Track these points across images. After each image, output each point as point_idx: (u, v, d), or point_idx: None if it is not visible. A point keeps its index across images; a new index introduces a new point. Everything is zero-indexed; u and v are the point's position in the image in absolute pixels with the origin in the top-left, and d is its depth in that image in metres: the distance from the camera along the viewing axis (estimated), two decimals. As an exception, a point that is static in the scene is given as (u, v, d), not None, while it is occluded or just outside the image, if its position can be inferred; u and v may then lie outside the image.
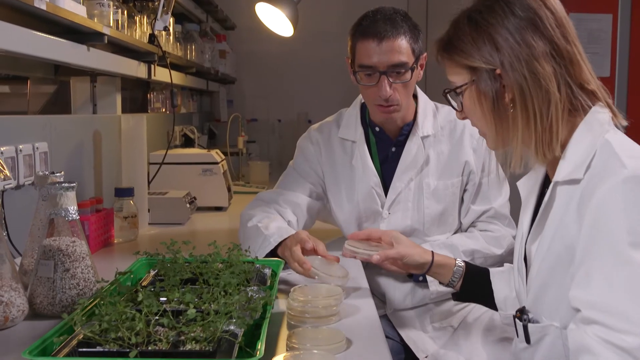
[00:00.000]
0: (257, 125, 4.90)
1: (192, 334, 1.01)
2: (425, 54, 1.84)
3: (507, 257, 1.94)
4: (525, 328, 1.22)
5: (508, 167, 1.21)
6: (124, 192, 2.09)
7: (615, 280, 1.02)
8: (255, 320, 1.12)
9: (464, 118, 1.28)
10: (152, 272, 1.42)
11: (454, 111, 1.95)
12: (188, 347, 1.00)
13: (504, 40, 1.12)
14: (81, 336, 1.02)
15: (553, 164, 1.18)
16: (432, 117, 1.93)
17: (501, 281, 1.47)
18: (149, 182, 2.51)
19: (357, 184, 1.92)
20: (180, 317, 1.08)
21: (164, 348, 0.99)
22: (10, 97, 2.90)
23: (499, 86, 1.14)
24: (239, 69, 4.84)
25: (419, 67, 1.84)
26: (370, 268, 1.83)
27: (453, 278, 1.51)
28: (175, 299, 1.10)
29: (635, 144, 1.13)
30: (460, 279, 1.51)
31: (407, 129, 1.92)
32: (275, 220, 1.80)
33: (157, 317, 1.06)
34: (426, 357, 1.84)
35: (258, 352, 0.95)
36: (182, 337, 1.02)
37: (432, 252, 1.57)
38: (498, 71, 1.14)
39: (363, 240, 1.62)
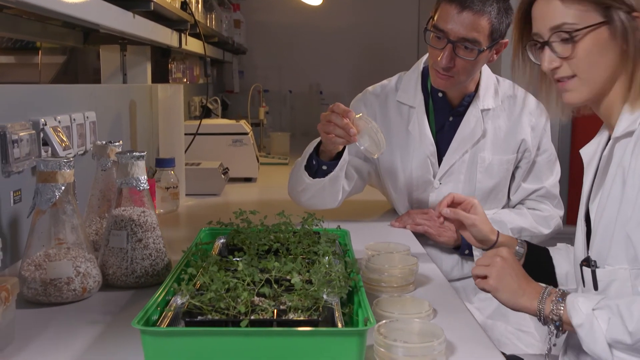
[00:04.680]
0: (268, 96, 4.85)
1: (293, 303, 1.00)
2: (506, 41, 1.75)
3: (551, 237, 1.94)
4: (593, 273, 1.20)
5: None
6: (165, 163, 2.06)
7: None
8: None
9: (554, 68, 1.19)
10: (219, 242, 1.40)
11: (514, 86, 1.93)
12: (291, 316, 0.99)
13: None
14: (174, 306, 1.01)
15: (612, 124, 1.20)
16: (493, 90, 1.91)
17: (561, 257, 1.48)
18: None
19: (411, 151, 1.90)
20: (275, 286, 1.06)
21: (269, 317, 0.97)
22: (18, 67, 2.83)
23: (629, 32, 1.12)
24: (249, 39, 4.77)
25: (494, 52, 1.77)
26: (418, 237, 1.82)
27: None
28: (274, 268, 1.07)
29: None
30: (521, 258, 1.52)
31: (467, 100, 1.89)
32: None
33: (253, 287, 1.04)
34: (473, 326, 1.84)
35: (368, 322, 0.93)
36: (282, 307, 1.01)
37: (498, 232, 1.54)
38: (636, 14, 1.12)
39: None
